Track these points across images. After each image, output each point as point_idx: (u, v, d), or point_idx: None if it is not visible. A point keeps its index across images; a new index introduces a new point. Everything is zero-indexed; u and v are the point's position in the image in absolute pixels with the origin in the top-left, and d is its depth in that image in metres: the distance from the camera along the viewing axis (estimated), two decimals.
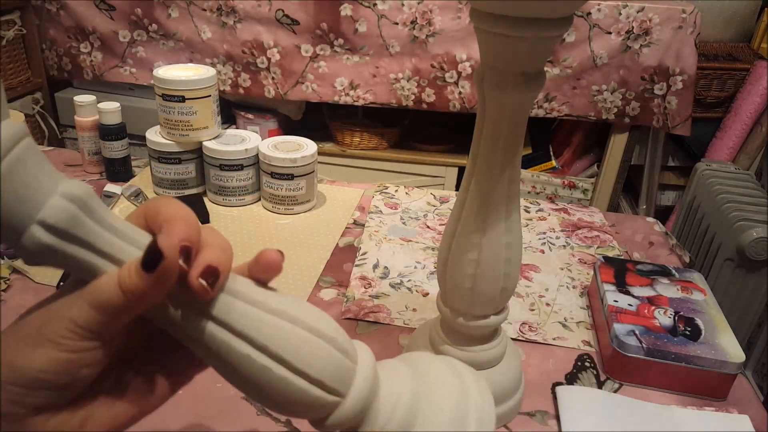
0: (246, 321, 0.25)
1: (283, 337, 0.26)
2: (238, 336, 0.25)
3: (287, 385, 0.26)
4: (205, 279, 0.24)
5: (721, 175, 1.28)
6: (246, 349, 0.25)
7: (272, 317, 0.26)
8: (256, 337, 0.25)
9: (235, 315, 0.25)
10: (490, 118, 0.37)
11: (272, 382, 0.26)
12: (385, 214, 0.78)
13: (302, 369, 0.26)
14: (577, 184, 1.71)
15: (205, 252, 0.25)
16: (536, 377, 0.52)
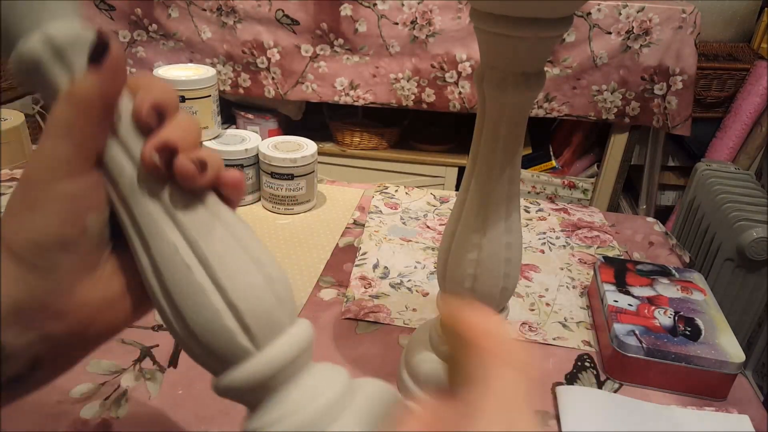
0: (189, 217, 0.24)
1: (219, 247, 0.24)
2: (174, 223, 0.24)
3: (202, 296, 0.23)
4: (159, 154, 0.23)
5: (721, 175, 1.28)
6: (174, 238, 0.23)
7: (219, 226, 0.24)
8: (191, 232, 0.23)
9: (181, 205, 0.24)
10: (490, 118, 0.37)
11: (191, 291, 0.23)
12: (385, 214, 0.78)
13: (225, 287, 0.23)
14: (577, 184, 1.71)
15: (168, 128, 0.24)
16: (536, 377, 0.52)
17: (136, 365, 0.50)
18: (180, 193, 0.24)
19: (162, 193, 0.24)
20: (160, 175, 0.24)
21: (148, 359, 0.51)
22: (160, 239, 0.24)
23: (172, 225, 0.24)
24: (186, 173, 0.23)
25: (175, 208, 0.24)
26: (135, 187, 0.24)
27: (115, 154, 0.24)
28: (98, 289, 0.24)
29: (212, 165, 0.24)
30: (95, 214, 0.24)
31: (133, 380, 0.49)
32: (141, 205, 0.24)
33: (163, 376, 0.49)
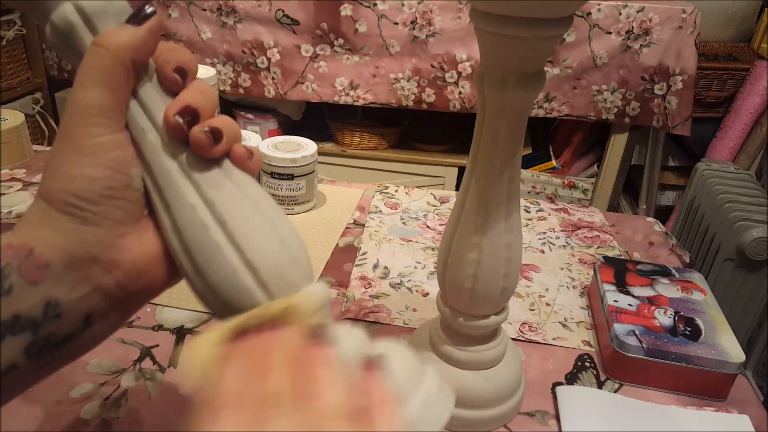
0: (206, 178, 0.25)
1: (236, 208, 0.25)
2: (192, 185, 0.25)
3: (219, 253, 0.24)
4: (182, 117, 0.24)
5: (721, 175, 1.28)
6: (192, 199, 0.24)
7: (234, 188, 0.25)
8: (208, 194, 0.24)
9: (198, 169, 0.25)
10: (490, 118, 0.37)
11: (209, 250, 0.24)
12: (385, 214, 0.78)
13: (242, 246, 0.24)
14: (577, 184, 1.71)
15: (188, 92, 0.25)
16: (536, 377, 0.52)
17: (136, 365, 0.50)
18: (198, 157, 0.25)
19: (181, 156, 0.25)
20: (182, 138, 0.25)
21: (148, 359, 0.51)
22: (179, 199, 0.24)
23: (191, 186, 0.25)
24: (201, 143, 0.24)
25: (193, 170, 0.25)
26: (157, 149, 0.25)
27: (137, 116, 0.25)
28: (142, 244, 0.25)
29: (228, 135, 0.25)
30: (135, 168, 0.25)
31: (133, 380, 0.49)
32: (161, 167, 0.25)
33: (163, 376, 0.49)
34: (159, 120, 0.25)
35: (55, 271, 0.23)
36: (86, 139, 0.23)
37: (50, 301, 0.23)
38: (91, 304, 0.24)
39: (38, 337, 0.23)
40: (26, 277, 0.22)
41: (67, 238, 0.23)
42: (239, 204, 0.25)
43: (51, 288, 0.23)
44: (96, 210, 0.23)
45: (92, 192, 0.23)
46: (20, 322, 0.22)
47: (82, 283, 0.24)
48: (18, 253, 0.23)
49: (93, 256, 0.24)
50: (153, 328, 0.54)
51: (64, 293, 0.23)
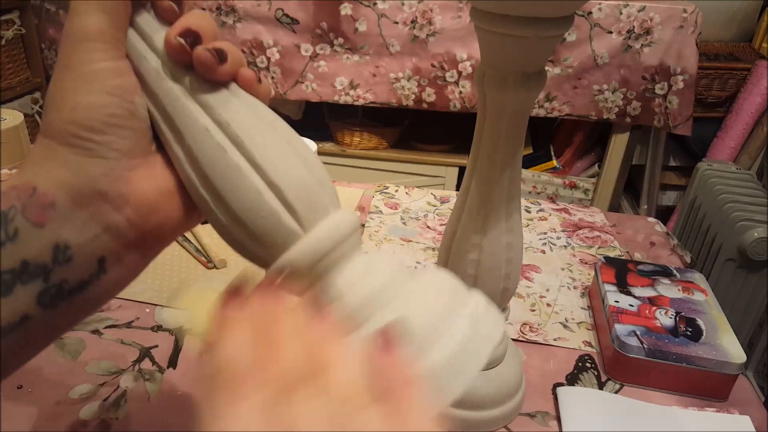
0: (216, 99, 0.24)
1: (252, 127, 0.23)
2: (202, 107, 0.23)
3: (240, 176, 0.22)
4: (184, 38, 0.23)
5: (723, 175, 1.28)
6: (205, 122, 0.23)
7: (247, 108, 0.24)
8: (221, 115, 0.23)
9: (206, 91, 0.24)
10: (490, 117, 0.36)
11: (228, 173, 0.23)
12: (386, 214, 0.77)
13: (262, 166, 0.23)
14: (578, 184, 1.71)
15: (188, 16, 0.24)
16: (537, 378, 0.52)
17: (136, 366, 0.50)
18: (205, 79, 0.24)
19: (187, 80, 0.24)
20: (185, 61, 0.24)
21: (147, 360, 0.51)
22: (191, 124, 0.23)
23: (200, 109, 0.23)
24: (206, 62, 0.23)
25: (201, 92, 0.24)
26: (161, 75, 0.24)
27: (137, 44, 0.24)
28: (153, 178, 0.24)
29: (233, 57, 0.24)
30: (139, 96, 0.24)
31: (132, 381, 0.49)
32: (168, 94, 0.24)
33: (162, 376, 0.49)
34: (159, 46, 0.24)
35: (61, 210, 0.21)
36: (86, 66, 0.22)
37: (59, 243, 0.21)
38: (103, 246, 0.23)
39: (50, 284, 0.21)
40: (32, 218, 0.21)
41: (71, 173, 0.22)
42: (255, 124, 0.23)
43: (59, 229, 0.21)
44: (101, 139, 0.22)
45: (96, 120, 0.22)
46: (29, 269, 0.21)
47: (92, 223, 0.22)
48: (21, 194, 0.21)
49: (100, 190, 0.22)
50: (152, 329, 0.54)
51: (73, 235, 0.22)
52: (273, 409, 0.18)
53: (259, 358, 0.19)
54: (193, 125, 0.23)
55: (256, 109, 0.24)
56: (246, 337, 0.20)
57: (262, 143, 0.23)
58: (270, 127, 0.24)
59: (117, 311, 0.56)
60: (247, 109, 0.24)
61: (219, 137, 0.23)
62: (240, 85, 0.25)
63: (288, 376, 0.19)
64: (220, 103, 0.24)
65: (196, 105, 0.24)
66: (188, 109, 0.23)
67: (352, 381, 0.19)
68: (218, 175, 0.23)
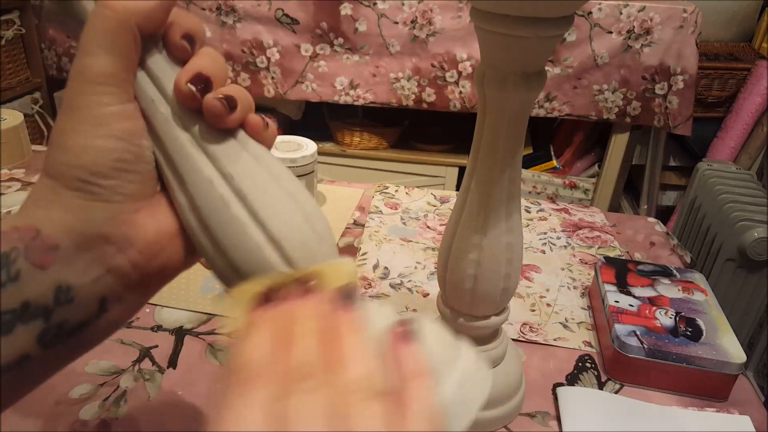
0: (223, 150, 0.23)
1: (255, 181, 0.23)
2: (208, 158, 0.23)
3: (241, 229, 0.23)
4: (194, 85, 0.23)
5: (723, 175, 1.28)
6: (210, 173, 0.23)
7: (252, 159, 0.24)
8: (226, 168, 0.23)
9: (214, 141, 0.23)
10: (490, 117, 0.36)
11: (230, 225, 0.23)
12: (385, 214, 0.77)
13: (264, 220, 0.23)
14: (578, 184, 1.71)
15: (198, 58, 0.23)
16: (537, 378, 0.52)
17: (135, 366, 0.50)
18: (212, 128, 0.24)
19: (194, 128, 0.24)
20: (194, 108, 0.23)
21: (147, 360, 0.51)
22: (195, 174, 0.23)
23: (206, 159, 0.23)
24: (216, 111, 0.23)
25: (208, 142, 0.23)
26: (168, 122, 0.23)
27: (146, 87, 0.24)
28: (156, 221, 0.24)
29: (242, 103, 0.24)
30: (146, 140, 0.24)
31: (132, 381, 0.49)
32: (174, 141, 0.23)
33: (162, 377, 0.49)
34: (169, 90, 0.24)
35: (64, 252, 0.21)
36: (94, 109, 0.22)
37: (61, 285, 0.21)
38: (105, 287, 0.23)
39: (51, 324, 0.21)
40: (34, 261, 0.21)
41: (76, 217, 0.22)
42: (259, 177, 0.23)
43: (61, 271, 0.21)
44: (106, 184, 0.22)
45: (102, 165, 0.22)
46: (30, 310, 0.21)
47: (95, 265, 0.22)
48: (24, 236, 0.21)
49: (104, 234, 0.22)
50: (152, 329, 0.54)
51: (75, 276, 0.22)
52: (275, 402, 0.18)
53: (273, 354, 0.20)
54: (197, 175, 0.23)
55: (262, 160, 0.24)
56: (265, 336, 0.20)
57: (264, 198, 0.23)
58: (274, 181, 0.24)
59: None
60: (253, 161, 0.24)
61: (222, 189, 0.23)
62: (247, 131, 0.25)
63: (297, 370, 0.19)
64: (226, 154, 0.23)
65: (202, 154, 0.23)
66: (193, 158, 0.23)
67: (359, 374, 0.19)
68: (219, 227, 0.23)
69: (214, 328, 0.55)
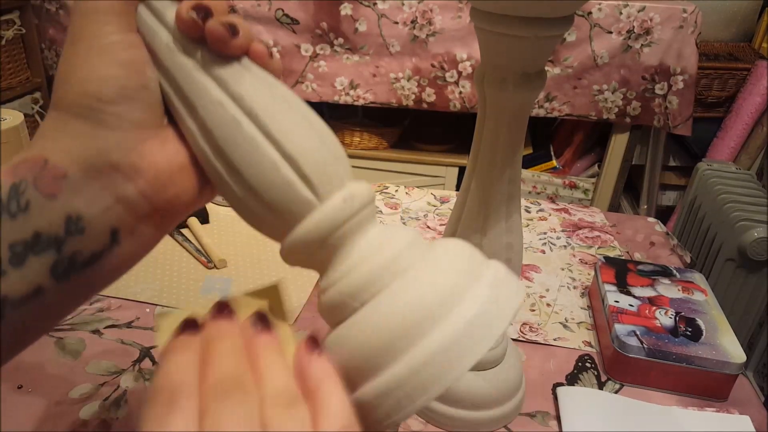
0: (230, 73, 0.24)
1: (266, 100, 0.23)
2: (215, 81, 0.23)
3: (255, 148, 0.23)
4: (196, 13, 0.23)
5: (723, 175, 1.28)
6: (218, 96, 0.23)
7: (261, 81, 0.24)
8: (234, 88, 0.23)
9: (219, 65, 0.23)
10: (490, 117, 0.36)
11: (243, 145, 0.23)
12: (386, 215, 0.77)
13: (277, 137, 0.23)
14: (578, 184, 1.71)
15: None
16: (537, 378, 0.52)
17: (136, 366, 0.50)
18: (216, 54, 0.24)
19: (199, 54, 0.24)
20: (197, 36, 0.23)
21: (147, 360, 0.51)
22: (205, 97, 0.23)
23: (214, 83, 0.23)
24: (219, 35, 0.23)
25: (214, 66, 0.23)
26: (172, 50, 0.24)
27: (148, 19, 0.24)
28: (165, 152, 0.24)
29: (244, 31, 0.24)
30: (150, 70, 0.24)
31: (132, 381, 0.49)
32: (180, 68, 0.24)
33: None
34: (171, 22, 0.24)
35: (73, 181, 0.21)
36: (97, 39, 0.22)
37: (71, 214, 0.21)
38: (115, 218, 0.23)
39: (63, 255, 0.21)
40: (43, 190, 0.21)
41: (83, 145, 0.22)
42: (269, 97, 0.23)
43: (71, 200, 0.21)
44: (113, 110, 0.22)
45: (108, 91, 0.22)
46: (42, 240, 0.21)
47: (104, 194, 0.22)
48: (33, 167, 0.21)
49: (112, 162, 0.22)
50: (152, 329, 0.54)
51: (85, 205, 0.22)
52: (197, 420, 0.18)
53: (193, 373, 0.20)
54: (206, 99, 0.23)
55: (270, 83, 0.24)
56: (186, 357, 0.20)
57: (276, 116, 0.23)
58: (284, 101, 0.24)
59: (117, 311, 0.56)
60: (261, 83, 0.24)
61: (233, 110, 0.23)
62: (252, 59, 0.25)
63: (217, 386, 0.19)
64: (234, 76, 0.23)
65: (209, 79, 0.23)
66: (201, 83, 0.23)
67: (277, 385, 0.20)
68: (233, 148, 0.23)
69: None
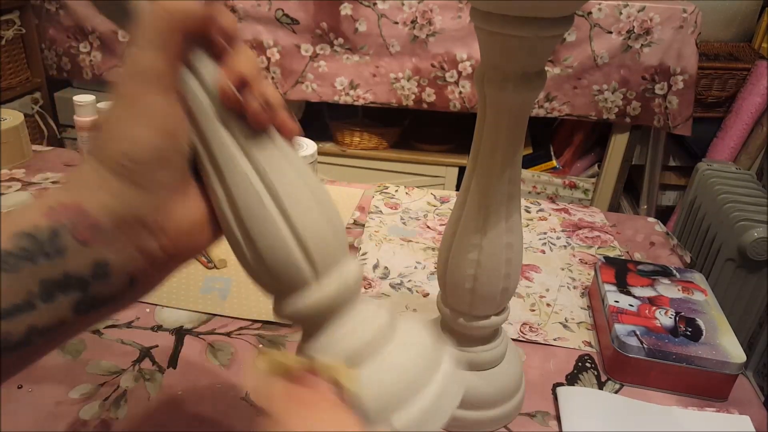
0: (258, 147, 0.25)
1: (286, 178, 0.25)
2: (245, 155, 0.25)
3: (270, 223, 0.25)
4: (237, 87, 0.24)
5: (722, 175, 1.28)
6: (245, 168, 0.25)
7: (284, 158, 0.26)
8: (261, 163, 0.25)
9: (250, 138, 0.25)
10: (490, 117, 0.36)
11: (262, 219, 0.25)
12: (385, 214, 0.78)
13: (291, 216, 0.25)
14: (578, 184, 1.71)
15: (238, 60, 0.25)
16: (537, 378, 0.52)
17: (136, 366, 0.50)
18: (247, 125, 0.25)
19: (233, 124, 0.25)
20: (235, 108, 0.25)
21: (147, 360, 0.51)
22: (234, 169, 0.25)
23: (244, 156, 0.25)
24: (257, 116, 0.25)
25: (246, 139, 0.25)
26: (209, 116, 0.25)
27: (190, 82, 0.25)
28: (189, 209, 0.26)
29: (276, 104, 0.26)
30: (185, 132, 0.25)
31: (132, 381, 0.49)
32: (214, 135, 0.25)
33: (162, 376, 0.49)
34: (210, 85, 0.25)
35: (104, 231, 0.23)
36: (138, 100, 0.24)
37: (99, 261, 0.23)
38: (136, 266, 0.25)
39: (87, 295, 0.23)
40: (77, 237, 0.23)
41: (116, 200, 0.23)
42: (289, 174, 0.25)
43: (100, 249, 0.23)
44: (146, 172, 0.24)
45: (142, 154, 0.23)
46: (71, 281, 0.23)
47: (129, 245, 0.24)
48: (70, 214, 0.23)
49: (140, 218, 0.24)
50: (152, 329, 0.54)
51: (112, 254, 0.24)
52: None
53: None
54: (235, 168, 0.25)
55: (290, 158, 0.26)
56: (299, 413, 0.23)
57: (293, 195, 0.25)
58: (300, 178, 0.26)
59: None
60: (283, 158, 0.26)
61: (257, 185, 0.25)
62: (277, 126, 0.27)
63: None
64: (261, 149, 0.25)
65: (239, 148, 0.25)
66: (232, 152, 0.25)
67: None
68: (252, 221, 0.25)
69: (215, 328, 0.55)
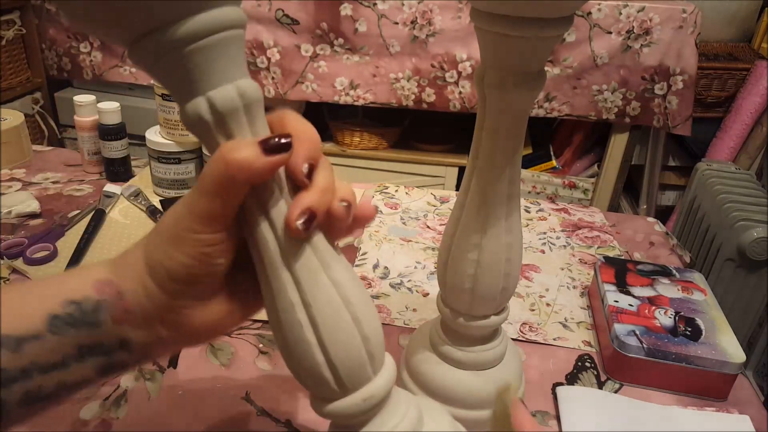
0: (308, 277, 0.27)
1: (328, 310, 0.27)
2: (294, 283, 0.27)
3: (308, 350, 0.28)
4: (304, 223, 0.26)
5: (722, 175, 1.28)
6: (294, 298, 0.27)
7: (330, 287, 0.28)
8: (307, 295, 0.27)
9: (302, 267, 0.27)
10: (490, 117, 0.36)
11: (300, 342, 0.28)
12: (385, 214, 0.78)
13: (327, 347, 0.27)
14: (578, 184, 1.71)
15: (310, 193, 0.26)
16: (537, 377, 0.52)
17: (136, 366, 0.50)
18: (303, 253, 0.27)
19: (289, 252, 0.27)
20: (300, 239, 0.27)
21: None
22: (284, 297, 0.28)
23: (294, 286, 0.27)
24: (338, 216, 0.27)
25: (300, 271, 0.27)
26: (276, 256, 0.27)
27: (263, 229, 0.27)
28: (207, 315, 0.29)
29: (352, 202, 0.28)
30: (223, 259, 0.28)
31: (132, 381, 0.49)
32: (277, 273, 0.28)
33: (162, 376, 0.49)
34: (277, 220, 0.27)
35: (133, 318, 0.28)
36: (188, 234, 0.26)
37: (125, 339, 0.28)
38: (152, 346, 0.29)
39: (110, 361, 0.28)
40: (114, 316, 0.27)
41: (147, 298, 0.27)
42: (332, 305, 0.28)
43: (127, 329, 0.28)
44: (177, 287, 0.27)
45: (180, 274, 0.27)
46: (101, 349, 0.27)
47: (150, 332, 0.28)
48: (112, 293, 0.27)
49: (162, 317, 0.28)
50: None
51: (135, 335, 0.28)
52: None
53: None
54: (284, 298, 0.27)
55: (340, 284, 0.28)
56: None
57: (333, 326, 0.28)
58: (345, 307, 0.28)
59: None
60: (331, 288, 0.28)
61: (301, 315, 0.27)
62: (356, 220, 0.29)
63: None
64: (310, 282, 0.27)
65: (292, 281, 0.27)
66: (284, 281, 0.27)
67: None
68: (291, 343, 0.28)
69: None
